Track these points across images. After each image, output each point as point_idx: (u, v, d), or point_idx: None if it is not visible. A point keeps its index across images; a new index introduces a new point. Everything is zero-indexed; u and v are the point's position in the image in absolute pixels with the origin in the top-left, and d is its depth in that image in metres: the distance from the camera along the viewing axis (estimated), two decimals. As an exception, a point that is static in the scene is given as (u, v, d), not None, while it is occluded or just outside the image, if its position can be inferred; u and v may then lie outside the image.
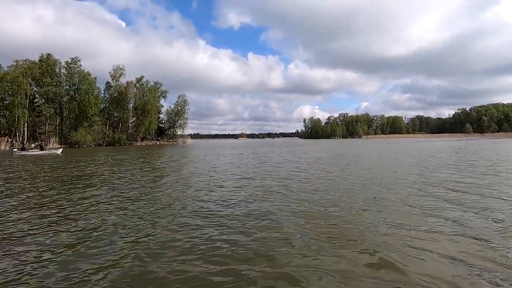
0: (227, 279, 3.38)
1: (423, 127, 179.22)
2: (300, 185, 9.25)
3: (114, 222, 5.51)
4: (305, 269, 3.54)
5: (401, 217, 5.60)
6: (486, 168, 12.81)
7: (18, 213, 6.24)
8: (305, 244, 4.29)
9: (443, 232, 4.74)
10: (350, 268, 3.58)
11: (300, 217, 5.67)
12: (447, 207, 6.29)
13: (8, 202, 7.40)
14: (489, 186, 8.58)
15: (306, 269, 3.54)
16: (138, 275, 3.48)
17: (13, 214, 6.16)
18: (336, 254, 3.96)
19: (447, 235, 4.64)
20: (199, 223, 5.43)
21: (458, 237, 4.55)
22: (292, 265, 3.67)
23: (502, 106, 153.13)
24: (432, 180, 9.93)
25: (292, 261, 3.77)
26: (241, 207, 6.57)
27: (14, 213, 6.29)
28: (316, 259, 3.81)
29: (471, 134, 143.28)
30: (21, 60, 48.97)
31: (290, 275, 3.43)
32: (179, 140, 70.59)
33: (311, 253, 3.99)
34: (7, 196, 8.09)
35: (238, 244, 4.37)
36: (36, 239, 4.67)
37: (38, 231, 5.02)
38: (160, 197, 7.82)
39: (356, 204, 6.71)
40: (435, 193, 7.81)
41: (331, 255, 3.92)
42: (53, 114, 51.78)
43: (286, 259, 3.82)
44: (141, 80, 63.98)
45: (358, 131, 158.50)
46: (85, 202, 7.31)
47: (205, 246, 4.31)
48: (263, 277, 3.40)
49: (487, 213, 5.79)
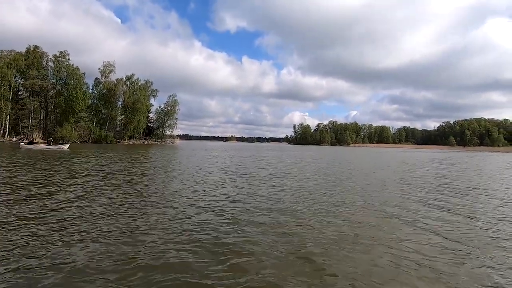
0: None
1: (409, 137, 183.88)
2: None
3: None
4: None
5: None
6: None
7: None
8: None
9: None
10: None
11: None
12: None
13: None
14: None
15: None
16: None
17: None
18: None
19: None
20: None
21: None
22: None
23: (484, 121, 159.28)
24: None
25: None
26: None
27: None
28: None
29: (454, 146, 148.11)
30: (6, 50, 47.42)
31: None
32: (168, 140, 69.62)
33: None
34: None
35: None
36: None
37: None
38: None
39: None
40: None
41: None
42: (38, 108, 50.17)
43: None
44: (132, 77, 62.95)
45: (346, 139, 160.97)
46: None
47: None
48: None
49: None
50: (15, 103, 46.49)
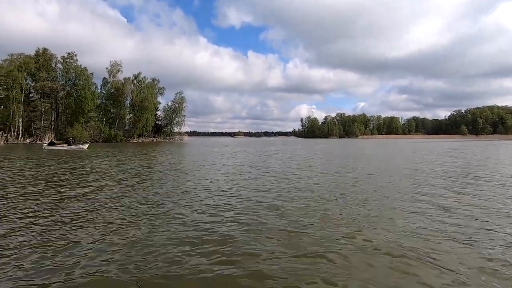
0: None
1: (419, 128, 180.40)
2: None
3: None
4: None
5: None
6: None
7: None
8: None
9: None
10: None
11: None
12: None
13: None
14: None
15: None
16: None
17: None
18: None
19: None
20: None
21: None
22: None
23: (497, 108, 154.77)
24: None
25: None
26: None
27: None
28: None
29: (466, 135, 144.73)
30: (16, 54, 48.26)
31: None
32: (176, 137, 70.15)
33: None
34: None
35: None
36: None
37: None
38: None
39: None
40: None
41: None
42: (49, 109, 51.08)
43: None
44: (139, 76, 63.44)
45: (354, 131, 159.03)
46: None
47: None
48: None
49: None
50: (27, 105, 47.44)
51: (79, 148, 29.51)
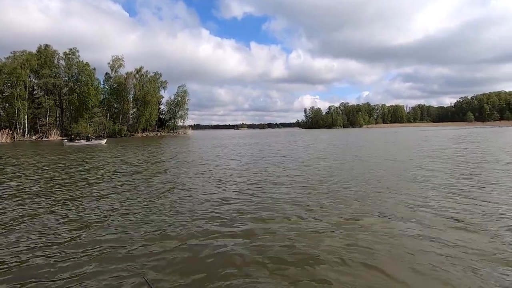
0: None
1: (424, 116, 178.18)
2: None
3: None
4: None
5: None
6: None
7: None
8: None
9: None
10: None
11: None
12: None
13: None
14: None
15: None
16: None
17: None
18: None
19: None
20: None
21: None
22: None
23: (505, 94, 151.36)
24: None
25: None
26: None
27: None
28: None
29: (473, 122, 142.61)
30: (19, 51, 48.18)
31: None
32: (180, 131, 70.20)
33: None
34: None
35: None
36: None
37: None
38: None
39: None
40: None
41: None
42: (53, 105, 51.23)
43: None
44: (141, 70, 63.14)
45: (359, 121, 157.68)
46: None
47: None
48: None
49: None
50: (31, 102, 47.61)
51: (99, 143, 31.48)
